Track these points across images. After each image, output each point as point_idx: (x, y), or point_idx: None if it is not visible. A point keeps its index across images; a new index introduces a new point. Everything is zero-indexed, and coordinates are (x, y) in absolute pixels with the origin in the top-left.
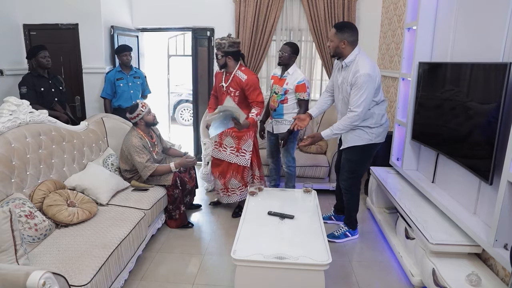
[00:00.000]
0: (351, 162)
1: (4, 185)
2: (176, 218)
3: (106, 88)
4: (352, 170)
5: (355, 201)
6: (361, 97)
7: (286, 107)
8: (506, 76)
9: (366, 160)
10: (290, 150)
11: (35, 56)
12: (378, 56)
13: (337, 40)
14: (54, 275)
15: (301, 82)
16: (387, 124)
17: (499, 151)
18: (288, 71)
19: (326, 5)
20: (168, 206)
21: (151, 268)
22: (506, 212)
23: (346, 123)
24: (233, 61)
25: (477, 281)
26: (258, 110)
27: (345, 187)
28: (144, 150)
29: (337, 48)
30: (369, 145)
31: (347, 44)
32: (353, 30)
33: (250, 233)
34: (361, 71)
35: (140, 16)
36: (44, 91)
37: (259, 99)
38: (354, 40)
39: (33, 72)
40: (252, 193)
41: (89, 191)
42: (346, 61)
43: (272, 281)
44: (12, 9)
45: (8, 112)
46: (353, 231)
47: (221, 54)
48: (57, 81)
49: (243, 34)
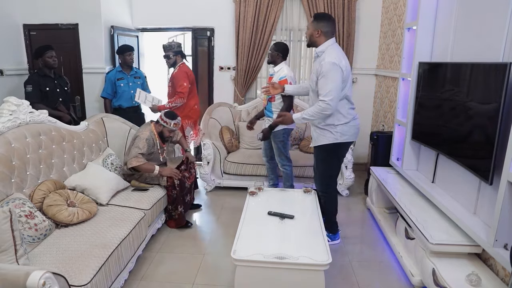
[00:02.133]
0: (318, 161)
1: (4, 185)
2: (175, 218)
3: (107, 88)
4: (321, 171)
5: (332, 204)
6: (327, 85)
7: (274, 105)
8: (506, 76)
9: (333, 159)
10: (282, 149)
11: (42, 56)
12: (378, 56)
13: (312, 28)
14: (54, 275)
15: (283, 78)
16: (356, 122)
17: (499, 151)
18: (274, 69)
19: (326, 5)
20: (168, 206)
21: (151, 268)
22: (506, 212)
23: (316, 110)
24: (180, 58)
25: (477, 281)
26: (173, 99)
27: (320, 188)
28: (145, 145)
29: (311, 37)
30: (334, 144)
31: (321, 34)
32: (328, 21)
33: (250, 233)
34: (326, 59)
35: (140, 16)
36: (49, 91)
37: (178, 90)
38: (328, 31)
39: (39, 72)
40: (252, 193)
41: (89, 191)
42: (317, 50)
43: (272, 281)
44: (12, 9)
45: (8, 112)
46: (333, 235)
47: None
48: (62, 81)
49: (243, 34)
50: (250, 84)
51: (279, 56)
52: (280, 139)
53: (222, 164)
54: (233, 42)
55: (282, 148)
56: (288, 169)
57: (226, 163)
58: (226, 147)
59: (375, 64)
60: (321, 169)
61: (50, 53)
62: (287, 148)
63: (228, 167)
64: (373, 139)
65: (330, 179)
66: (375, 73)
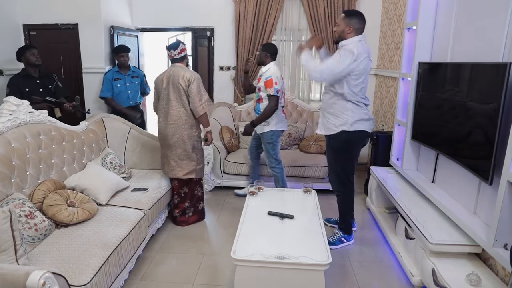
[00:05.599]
0: (332, 161)
1: (4, 185)
2: (191, 215)
3: (106, 87)
4: (337, 171)
5: (348, 204)
6: (331, 59)
7: (262, 106)
8: (506, 76)
9: (346, 158)
10: (270, 151)
11: (24, 55)
12: (378, 56)
13: (344, 24)
14: (54, 275)
15: (268, 78)
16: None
17: (499, 151)
18: (262, 70)
19: (326, 5)
20: (183, 204)
21: (151, 268)
22: (506, 212)
23: (313, 64)
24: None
25: (477, 281)
26: None
27: (335, 188)
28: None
29: (342, 33)
30: (346, 141)
31: (353, 30)
32: (360, 18)
33: (250, 233)
34: (348, 46)
35: (140, 16)
36: (30, 92)
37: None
38: (360, 28)
39: (21, 72)
40: (252, 193)
41: (88, 191)
42: (343, 43)
43: (272, 281)
44: (12, 9)
45: (8, 112)
46: (348, 236)
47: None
48: (47, 80)
49: (243, 34)
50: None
51: (268, 56)
52: (268, 141)
53: (222, 164)
54: (233, 42)
55: (271, 150)
56: (278, 171)
57: (226, 163)
58: (226, 147)
59: (375, 64)
60: (336, 169)
61: (32, 51)
62: (276, 150)
63: (228, 167)
64: (373, 139)
65: (346, 178)
66: (375, 73)
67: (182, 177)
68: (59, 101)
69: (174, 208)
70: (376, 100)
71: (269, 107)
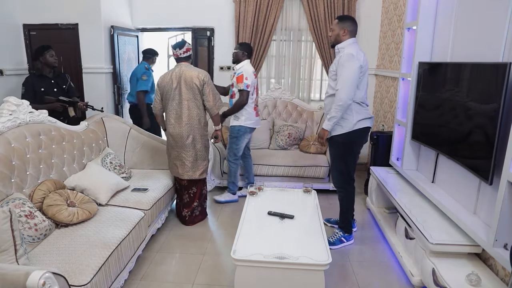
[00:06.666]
0: (335, 158)
1: (4, 185)
2: (196, 214)
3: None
4: (339, 167)
5: (349, 200)
6: (343, 75)
7: (234, 101)
8: (506, 76)
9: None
10: (233, 145)
11: (43, 55)
12: (378, 56)
13: (338, 28)
14: (54, 275)
15: (240, 73)
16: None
17: (499, 151)
18: (236, 67)
19: (326, 5)
20: (192, 204)
21: (151, 268)
22: (506, 212)
23: (334, 106)
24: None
25: (477, 281)
26: None
27: (337, 184)
28: None
29: (338, 36)
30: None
31: (347, 33)
32: (353, 21)
33: (250, 233)
34: (346, 51)
35: (140, 16)
36: (44, 91)
37: None
38: (353, 30)
39: (35, 72)
40: (252, 193)
41: (88, 191)
42: (339, 46)
43: (272, 281)
44: (12, 9)
45: (8, 112)
46: (348, 236)
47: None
48: (61, 80)
49: (243, 34)
50: None
51: (245, 55)
52: (234, 135)
53: (222, 164)
54: (233, 42)
55: (234, 144)
56: (233, 166)
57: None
58: (226, 147)
59: (375, 64)
60: (339, 166)
61: (51, 52)
62: (239, 146)
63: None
64: (373, 139)
65: (348, 175)
66: (375, 73)
67: (198, 177)
68: (72, 101)
69: (184, 208)
70: (376, 100)
71: (239, 100)
